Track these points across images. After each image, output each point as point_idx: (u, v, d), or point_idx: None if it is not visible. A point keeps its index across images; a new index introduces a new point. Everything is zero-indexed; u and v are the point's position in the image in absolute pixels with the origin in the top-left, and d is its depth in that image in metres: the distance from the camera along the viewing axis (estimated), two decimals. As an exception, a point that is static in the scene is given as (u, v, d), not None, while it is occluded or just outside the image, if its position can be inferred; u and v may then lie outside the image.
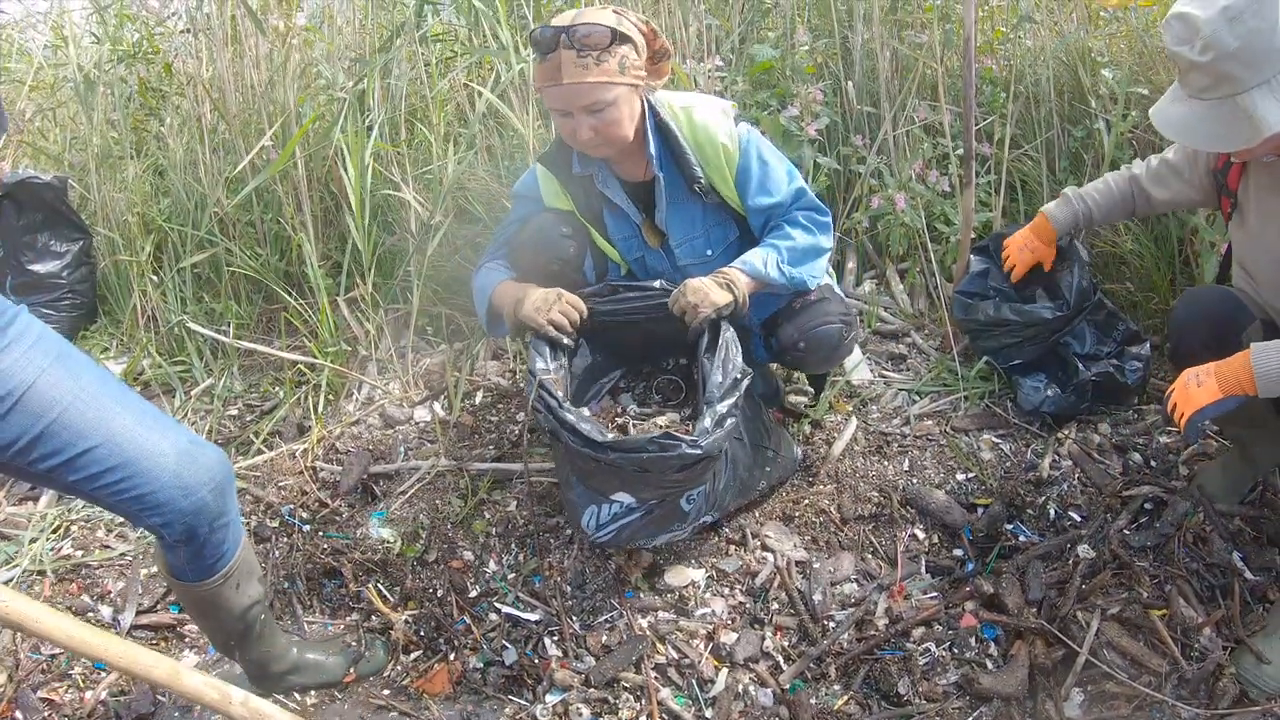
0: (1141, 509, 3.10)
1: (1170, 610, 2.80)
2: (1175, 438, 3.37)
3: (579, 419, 2.60)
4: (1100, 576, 2.88)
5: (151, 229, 4.29)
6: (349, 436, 3.64)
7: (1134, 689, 2.67)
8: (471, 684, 2.76)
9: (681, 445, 2.50)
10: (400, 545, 3.13)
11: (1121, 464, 3.28)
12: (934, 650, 2.79)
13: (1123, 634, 2.79)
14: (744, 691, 2.67)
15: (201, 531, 2.11)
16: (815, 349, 2.97)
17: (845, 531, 3.07)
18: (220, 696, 2.02)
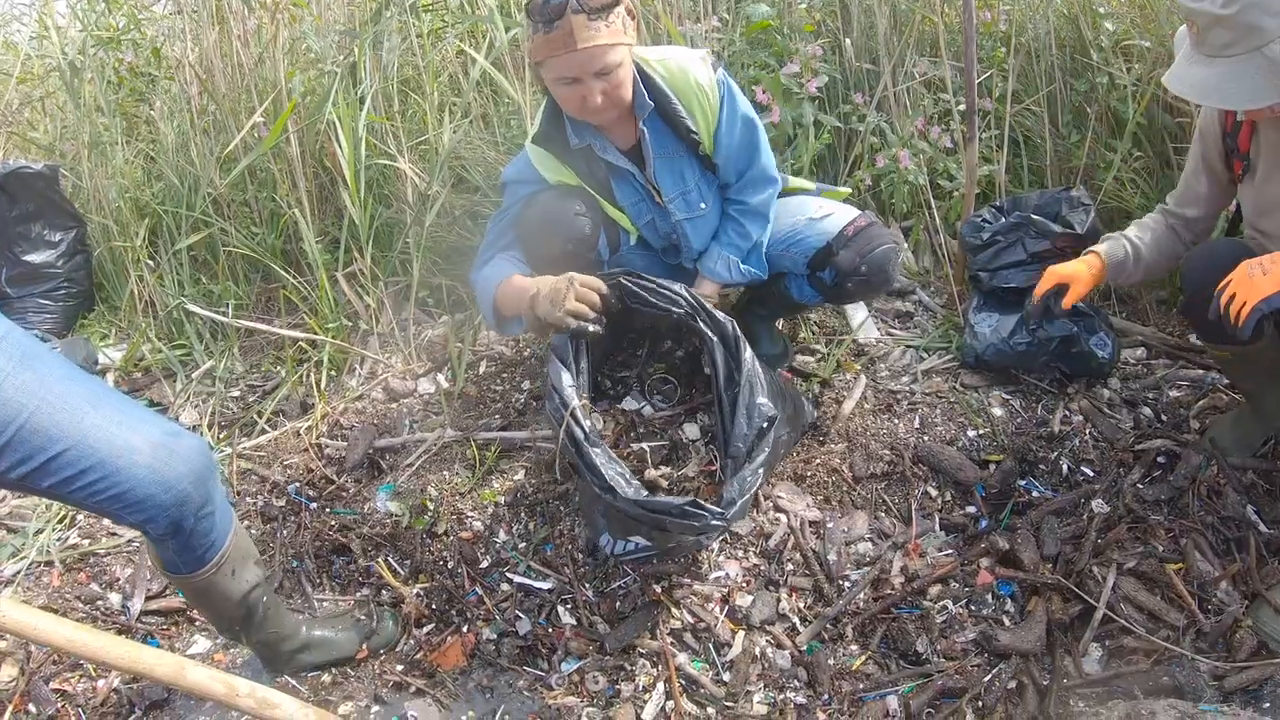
0: (1154, 463, 3.04)
1: (1186, 564, 2.74)
2: (1185, 391, 3.32)
3: (605, 460, 2.49)
4: (1115, 531, 2.82)
5: (145, 213, 4.20)
6: (353, 412, 3.56)
7: (1152, 643, 2.61)
8: (485, 656, 2.69)
9: (707, 518, 2.38)
10: (408, 518, 3.06)
11: (1133, 418, 3.22)
12: (951, 608, 2.73)
13: (1139, 588, 2.74)
14: (761, 654, 2.61)
15: (187, 523, 2.04)
16: (876, 270, 2.91)
17: (858, 490, 3.01)
18: (226, 689, 1.96)
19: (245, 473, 3.37)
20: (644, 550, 2.68)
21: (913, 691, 2.56)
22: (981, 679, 2.58)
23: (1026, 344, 3.27)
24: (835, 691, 2.55)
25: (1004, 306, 3.43)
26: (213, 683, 1.94)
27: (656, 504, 2.41)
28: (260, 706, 1.99)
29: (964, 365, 3.42)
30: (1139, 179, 3.77)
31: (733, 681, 2.54)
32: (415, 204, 3.84)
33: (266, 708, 2.00)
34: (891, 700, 2.53)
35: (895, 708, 2.51)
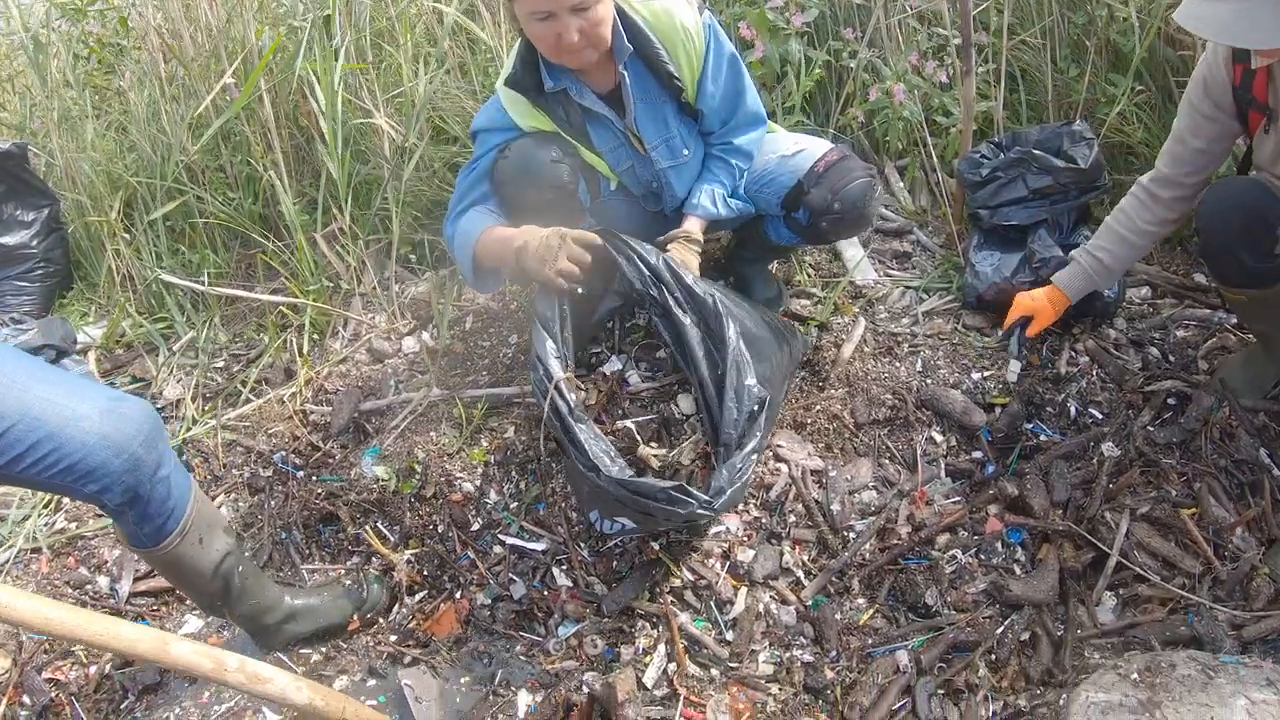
0: (1164, 405, 2.88)
1: (1200, 509, 2.60)
2: (1193, 331, 3.16)
3: (591, 436, 2.33)
4: (1128, 475, 2.67)
5: (119, 186, 3.99)
6: (337, 376, 3.38)
7: (1168, 591, 2.48)
8: (480, 622, 2.55)
9: (694, 505, 2.23)
10: (395, 482, 2.90)
11: (1140, 359, 3.06)
12: (960, 557, 2.59)
13: (1153, 534, 2.60)
14: (765, 611, 2.46)
15: (143, 489, 1.97)
16: (850, 208, 2.71)
17: (860, 437, 2.85)
18: (214, 664, 1.81)
19: (230, 444, 3.22)
20: (633, 531, 2.50)
21: (923, 646, 2.42)
22: (994, 631, 2.45)
23: (1030, 283, 3.10)
24: (843, 647, 2.40)
25: (1005, 245, 3.26)
26: (199, 658, 1.79)
27: (641, 486, 2.25)
28: (251, 681, 1.85)
29: (965, 306, 3.25)
30: (1141, 113, 3.59)
31: (737, 641, 2.39)
32: (393, 159, 3.64)
33: (257, 682, 1.85)
34: (901, 655, 2.38)
35: (906, 663, 2.37)
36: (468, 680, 2.49)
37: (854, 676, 2.36)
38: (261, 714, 2.46)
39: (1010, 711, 2.28)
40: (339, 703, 1.97)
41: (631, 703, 2.12)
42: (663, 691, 2.33)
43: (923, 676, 2.35)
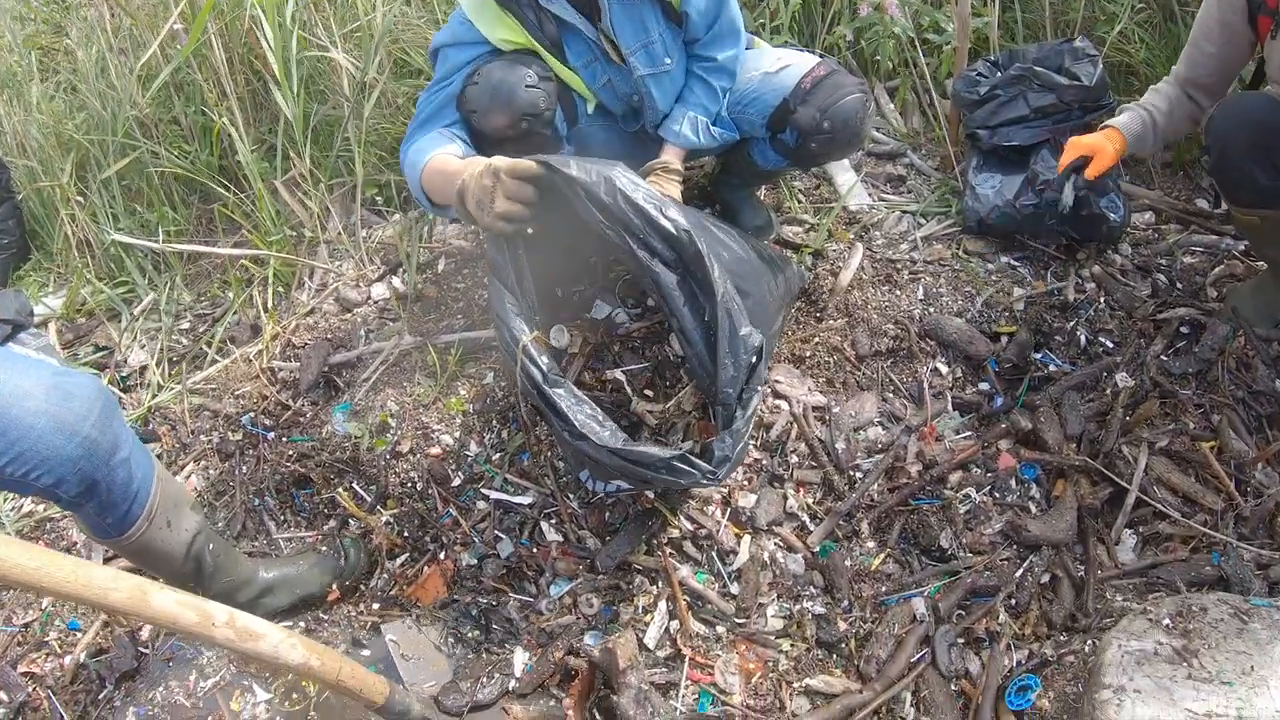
0: (1177, 333, 2.67)
1: (1220, 442, 2.42)
2: (1200, 258, 2.95)
3: (573, 402, 2.02)
4: (1145, 407, 2.47)
5: (70, 148, 3.67)
6: (305, 329, 3.11)
7: (1190, 528, 2.30)
8: (467, 583, 2.34)
9: (697, 475, 1.96)
10: (368, 439, 2.64)
11: (1149, 286, 2.84)
12: (974, 496, 2.38)
13: (1172, 469, 2.40)
14: (771, 560, 2.24)
15: (100, 475, 1.76)
16: (842, 126, 2.43)
17: (862, 370, 2.62)
18: (200, 618, 1.56)
19: (198, 409, 2.97)
20: (620, 491, 2.26)
21: (940, 592, 2.22)
22: (1012, 574, 2.25)
23: (1033, 206, 2.87)
24: (855, 596, 2.20)
25: (1006, 166, 3.01)
26: (183, 610, 1.54)
27: (639, 456, 1.96)
28: (240, 638, 1.61)
29: (965, 230, 3.01)
30: (1142, 32, 3.34)
31: (742, 594, 2.17)
32: (353, 96, 3.34)
33: (248, 639, 1.61)
34: (918, 603, 2.18)
35: (922, 611, 2.17)
36: (457, 639, 2.29)
37: (868, 627, 2.16)
38: (250, 690, 2.26)
39: (1036, 661, 2.09)
40: (335, 663, 1.74)
41: (634, 669, 1.89)
42: (666, 652, 2.12)
43: (941, 625, 2.15)
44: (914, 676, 2.08)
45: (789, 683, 2.05)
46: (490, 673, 2.17)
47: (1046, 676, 2.08)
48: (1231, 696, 1.87)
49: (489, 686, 2.13)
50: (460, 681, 2.15)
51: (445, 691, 2.11)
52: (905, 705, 2.06)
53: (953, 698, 2.08)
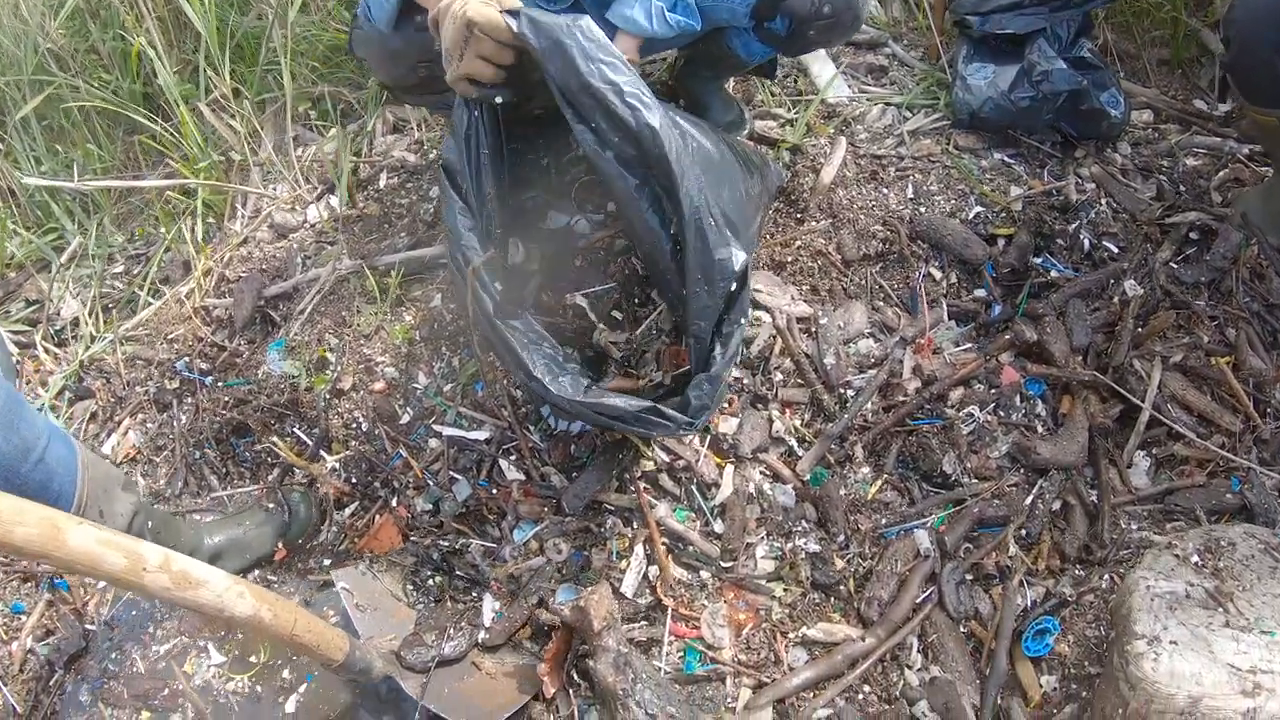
0: (1186, 239, 2.36)
1: (1237, 359, 2.14)
2: (1203, 160, 2.64)
3: (528, 340, 1.66)
4: (1159, 319, 2.17)
5: (-20, 91, 3.15)
6: (238, 260, 2.69)
7: (1207, 450, 2.03)
8: (424, 531, 1.99)
9: (671, 426, 1.61)
10: (306, 378, 2.26)
11: (1153, 188, 2.52)
12: (978, 415, 2.07)
13: (1187, 386, 2.12)
14: (758, 492, 1.90)
15: (13, 486, 1.51)
16: (844, 8, 2.00)
17: (850, 276, 2.26)
18: (128, 560, 1.23)
19: (131, 359, 2.60)
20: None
21: (944, 523, 1.92)
22: (1022, 502, 1.96)
23: (1030, 99, 2.51)
24: (852, 530, 1.88)
25: (999, 56, 2.63)
26: (106, 551, 1.20)
27: (604, 408, 1.61)
28: (178, 584, 1.28)
29: (956, 125, 2.64)
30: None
31: (727, 533, 1.83)
32: (276, 2, 2.87)
33: (186, 586, 1.29)
34: (921, 536, 1.87)
35: (926, 545, 1.86)
36: (417, 585, 1.96)
37: (868, 565, 1.85)
38: (206, 652, 1.94)
39: (1054, 601, 1.80)
40: (289, 615, 1.42)
41: (610, 629, 1.55)
42: (646, 600, 1.78)
43: (948, 561, 1.85)
44: (920, 620, 1.78)
45: (784, 633, 1.73)
46: (457, 623, 1.82)
47: (1065, 618, 1.80)
48: (1275, 649, 1.61)
49: (456, 639, 1.78)
50: (424, 633, 1.80)
51: (408, 645, 1.77)
52: (912, 652, 1.77)
53: (962, 642, 1.79)
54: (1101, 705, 1.64)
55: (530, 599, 1.78)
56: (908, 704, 1.71)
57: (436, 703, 1.69)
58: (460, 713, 1.69)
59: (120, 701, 1.97)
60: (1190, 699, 1.55)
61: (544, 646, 1.70)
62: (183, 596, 1.29)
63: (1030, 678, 1.74)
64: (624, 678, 1.51)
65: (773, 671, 1.69)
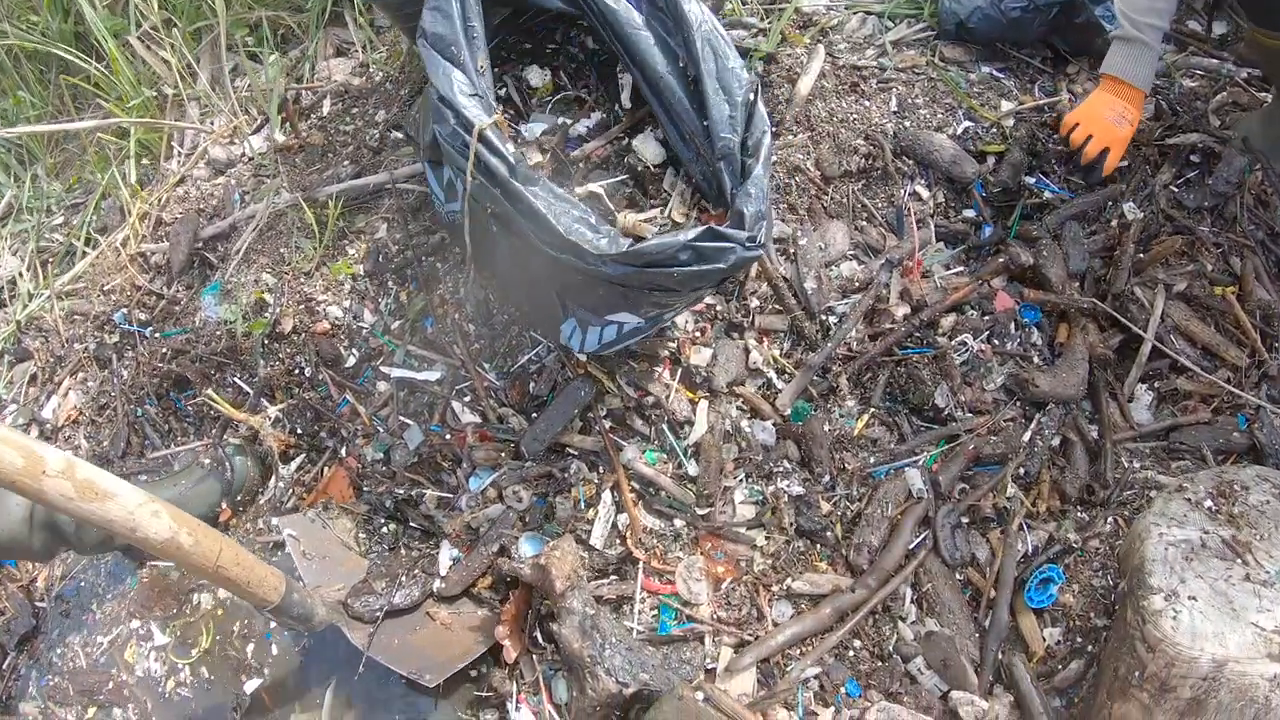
0: (1187, 162, 2.14)
1: (1242, 289, 1.95)
2: (1199, 81, 2.41)
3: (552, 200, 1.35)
4: (1164, 244, 1.96)
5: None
6: (175, 201, 2.40)
7: (1212, 385, 1.84)
8: (376, 481, 1.76)
9: (734, 248, 1.33)
10: (242, 321, 1.99)
11: (1151, 108, 2.30)
12: (971, 344, 1.85)
13: (1190, 317, 1.92)
14: (735, 430, 1.66)
15: None
16: None
17: (830, 194, 2.01)
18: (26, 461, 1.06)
19: (69, 315, 2.37)
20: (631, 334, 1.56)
21: (937, 461, 1.71)
22: (1019, 438, 1.75)
23: (1020, 9, 2.25)
24: (837, 470, 1.65)
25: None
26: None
27: (654, 251, 1.32)
28: (83, 494, 1.11)
29: (941, 35, 2.36)
30: None
31: (703, 476, 1.58)
32: None
33: (91, 497, 1.12)
34: (913, 476, 1.65)
35: (919, 485, 1.64)
36: (370, 533, 1.75)
37: (856, 508, 1.63)
38: (149, 633, 1.80)
39: (1058, 547, 1.60)
40: (214, 543, 1.25)
41: (575, 589, 1.32)
42: (617, 550, 1.54)
43: (942, 503, 1.64)
44: (914, 568, 1.57)
45: (766, 586, 1.51)
46: (410, 571, 1.60)
47: (1069, 567, 1.61)
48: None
49: (409, 587, 1.57)
50: (374, 581, 1.57)
51: (356, 593, 1.55)
52: (905, 603, 1.56)
53: (959, 591, 1.59)
54: (1114, 665, 1.45)
55: (490, 547, 1.55)
56: (902, 660, 1.50)
57: (384, 654, 1.48)
58: (409, 663, 1.48)
59: (66, 699, 1.81)
60: (1214, 663, 1.37)
61: (504, 598, 1.47)
62: (88, 509, 1.11)
63: (1033, 631, 1.55)
64: (591, 643, 1.28)
65: (755, 628, 1.47)
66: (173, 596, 1.86)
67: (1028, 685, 1.46)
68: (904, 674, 1.49)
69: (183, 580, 1.86)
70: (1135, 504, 1.70)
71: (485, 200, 1.39)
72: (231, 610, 1.80)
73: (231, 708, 1.70)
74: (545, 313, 1.58)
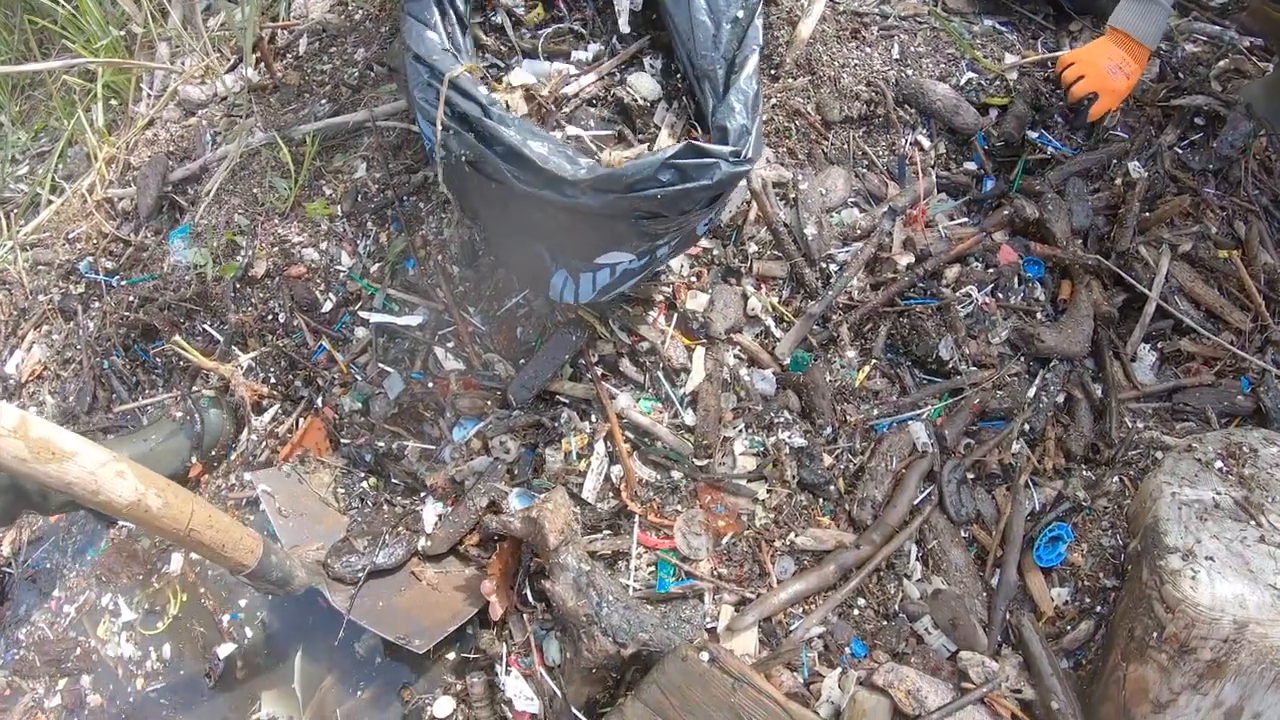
0: (1191, 124, 2.04)
1: (1247, 253, 1.87)
2: (1202, 46, 2.31)
3: (527, 135, 1.21)
4: (1170, 204, 1.87)
5: None
6: (144, 144, 2.23)
7: (1217, 347, 1.76)
8: (355, 432, 1.63)
9: (717, 164, 1.20)
10: (212, 265, 1.85)
11: (1155, 69, 2.20)
12: (976, 296, 1.74)
13: (1195, 278, 1.84)
14: (733, 378, 1.53)
15: None
16: None
17: (830, 140, 1.89)
18: None
19: (34, 265, 2.21)
20: (625, 276, 1.42)
21: (942, 415, 1.60)
22: (1024, 393, 1.65)
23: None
24: (840, 421, 1.54)
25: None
26: None
27: (633, 174, 1.19)
28: (38, 455, 0.98)
29: (944, -18, 2.28)
30: None
31: (701, 426, 1.46)
32: None
33: (49, 457, 0.99)
34: (917, 429, 1.55)
35: (924, 439, 1.54)
36: (349, 490, 1.62)
37: (859, 461, 1.52)
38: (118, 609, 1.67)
39: (1068, 504, 1.51)
40: (184, 504, 1.14)
41: (568, 544, 1.19)
42: (610, 505, 1.42)
43: (948, 459, 1.54)
44: (919, 524, 1.47)
45: (768, 541, 1.39)
46: (394, 528, 1.47)
47: (1078, 525, 1.51)
48: (1314, 570, 1.35)
49: (393, 546, 1.44)
50: (355, 540, 1.44)
51: (336, 553, 1.41)
52: (910, 560, 1.45)
53: (965, 549, 1.48)
54: (1129, 626, 1.35)
55: (478, 500, 1.42)
56: (909, 619, 1.40)
57: (368, 618, 1.35)
58: (395, 628, 1.35)
59: (34, 671, 1.67)
60: (1236, 624, 1.27)
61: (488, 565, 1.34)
62: (44, 471, 0.98)
63: (1042, 590, 1.45)
64: (587, 601, 1.16)
65: (757, 585, 1.36)
66: (139, 563, 1.74)
67: (1038, 646, 1.36)
68: (911, 633, 1.38)
69: (151, 547, 1.73)
70: (1140, 464, 1.60)
71: (462, 148, 1.26)
72: (202, 574, 1.67)
73: (204, 674, 1.58)
74: (532, 268, 1.44)
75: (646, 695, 1.14)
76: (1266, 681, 1.27)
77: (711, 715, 1.12)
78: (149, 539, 1.74)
